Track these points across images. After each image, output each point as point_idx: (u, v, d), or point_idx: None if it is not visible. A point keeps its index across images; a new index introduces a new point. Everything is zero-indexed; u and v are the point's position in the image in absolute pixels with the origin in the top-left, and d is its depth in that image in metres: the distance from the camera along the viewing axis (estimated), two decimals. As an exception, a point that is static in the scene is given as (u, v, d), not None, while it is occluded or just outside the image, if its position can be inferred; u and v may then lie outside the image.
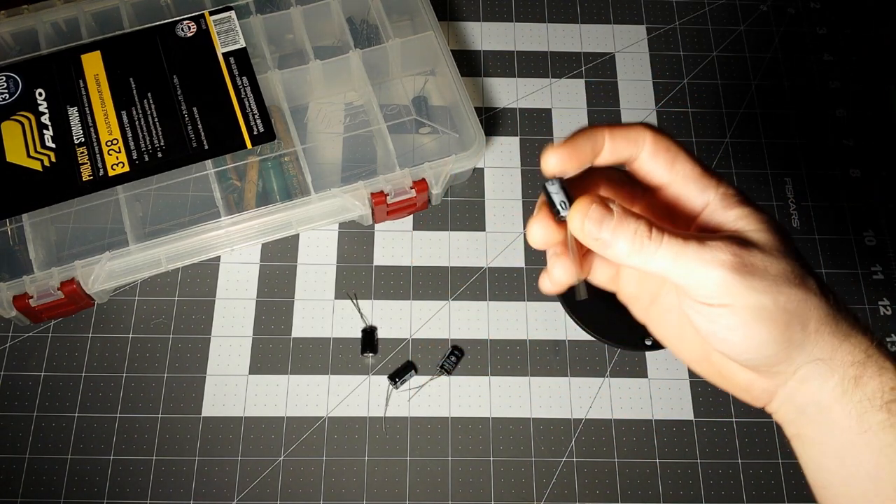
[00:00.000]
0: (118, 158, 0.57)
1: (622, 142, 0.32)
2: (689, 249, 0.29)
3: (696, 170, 0.32)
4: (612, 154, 0.32)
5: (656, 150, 0.32)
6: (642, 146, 0.32)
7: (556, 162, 0.31)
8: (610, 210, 0.30)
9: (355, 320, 0.58)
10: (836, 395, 0.30)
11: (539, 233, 0.33)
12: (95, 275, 0.54)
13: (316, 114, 0.64)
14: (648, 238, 0.30)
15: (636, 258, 0.30)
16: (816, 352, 0.30)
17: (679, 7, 0.71)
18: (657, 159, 0.32)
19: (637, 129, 0.32)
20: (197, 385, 0.56)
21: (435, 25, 0.62)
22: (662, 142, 0.32)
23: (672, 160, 0.32)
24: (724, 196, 0.32)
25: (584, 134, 0.32)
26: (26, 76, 0.59)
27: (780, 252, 0.30)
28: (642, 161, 0.32)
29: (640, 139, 0.32)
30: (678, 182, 0.32)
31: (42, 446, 0.54)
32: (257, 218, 0.56)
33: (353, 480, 0.54)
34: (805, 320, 0.30)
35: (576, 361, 0.58)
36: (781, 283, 0.29)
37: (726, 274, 0.29)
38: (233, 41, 0.61)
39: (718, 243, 0.29)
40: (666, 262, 0.29)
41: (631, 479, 0.54)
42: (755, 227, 0.31)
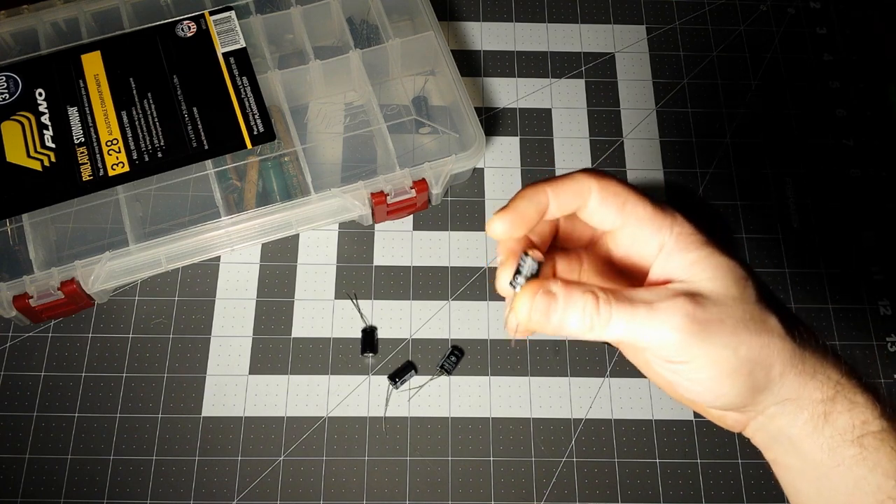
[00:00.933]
0: (118, 158, 0.57)
1: (566, 195, 0.31)
2: (640, 315, 0.29)
3: (647, 209, 0.31)
4: (558, 209, 0.32)
5: (604, 197, 0.31)
6: (588, 196, 0.31)
7: (502, 228, 0.31)
8: (553, 295, 0.30)
9: (355, 320, 0.58)
10: (806, 431, 0.30)
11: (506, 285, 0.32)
12: (95, 275, 0.54)
13: (316, 114, 0.64)
14: (597, 313, 0.29)
15: (591, 334, 0.29)
16: (784, 392, 0.30)
17: (679, 7, 0.71)
18: (606, 206, 0.31)
19: (580, 178, 0.32)
20: (197, 385, 0.56)
21: (435, 25, 0.62)
22: (609, 187, 0.31)
23: (622, 204, 0.31)
24: (679, 237, 0.31)
25: (526, 195, 0.31)
26: (26, 76, 0.59)
27: (735, 300, 0.29)
28: (591, 210, 0.32)
29: (583, 189, 0.31)
30: (632, 223, 0.31)
31: (42, 446, 0.54)
32: (257, 218, 0.56)
33: (353, 480, 0.54)
34: (768, 365, 0.29)
35: (576, 361, 0.58)
36: (741, 331, 0.29)
37: (681, 335, 0.28)
38: (233, 41, 0.61)
39: (668, 304, 0.29)
40: (620, 331, 0.29)
41: (631, 479, 0.54)
42: (709, 275, 0.30)
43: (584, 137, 0.65)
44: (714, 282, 0.29)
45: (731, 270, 0.30)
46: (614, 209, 0.31)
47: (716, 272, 0.30)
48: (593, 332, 0.29)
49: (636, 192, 0.32)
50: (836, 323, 0.60)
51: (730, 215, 0.63)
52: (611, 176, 0.32)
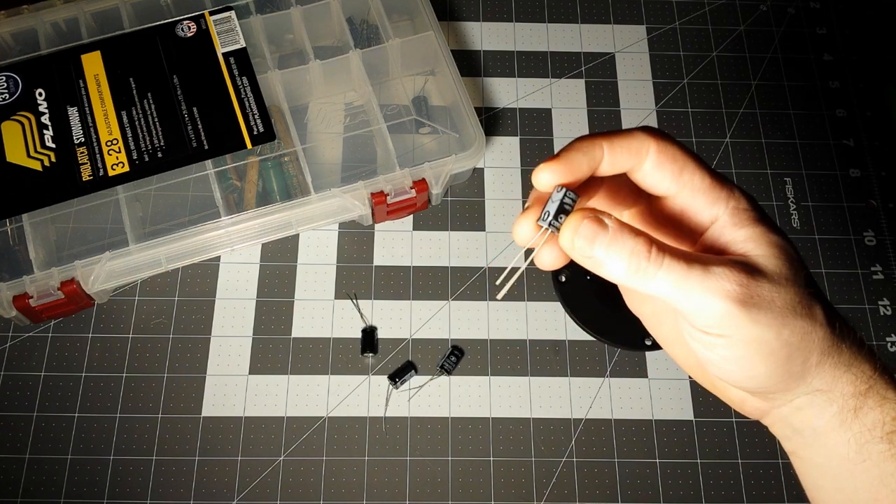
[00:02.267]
0: (118, 158, 0.57)
1: (623, 152, 0.29)
2: (693, 275, 0.27)
3: (705, 181, 0.30)
4: (611, 166, 0.30)
5: (661, 161, 0.29)
6: (645, 156, 0.30)
7: (548, 178, 0.29)
8: (604, 225, 0.27)
9: (355, 320, 0.58)
10: (833, 425, 0.30)
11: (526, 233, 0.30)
12: (95, 275, 0.54)
13: (316, 114, 0.64)
14: (647, 259, 0.27)
15: (633, 280, 0.27)
16: (816, 383, 0.29)
17: (679, 7, 0.71)
18: (662, 170, 0.30)
19: (639, 136, 0.30)
20: (197, 385, 0.56)
21: (435, 25, 0.62)
22: (668, 150, 0.29)
23: (679, 171, 0.30)
24: (735, 212, 0.29)
25: (580, 146, 0.29)
26: (26, 76, 0.59)
27: (788, 281, 0.28)
28: (645, 171, 0.30)
29: (642, 149, 0.29)
30: (685, 193, 0.30)
31: (42, 446, 0.54)
32: (257, 218, 0.56)
33: (353, 480, 0.54)
34: (807, 353, 0.28)
35: (576, 361, 0.58)
36: (787, 315, 0.28)
37: (730, 306, 0.27)
38: (233, 41, 0.61)
39: (724, 270, 0.27)
40: (665, 286, 0.27)
41: (631, 479, 0.54)
42: (764, 252, 0.28)
43: (584, 137, 0.65)
44: (769, 260, 0.28)
45: (786, 251, 0.29)
46: (670, 175, 0.30)
47: (770, 250, 0.29)
48: (637, 278, 0.27)
49: (695, 159, 0.30)
50: (836, 323, 0.60)
51: (730, 215, 0.63)
52: (671, 138, 0.30)
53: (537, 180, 0.29)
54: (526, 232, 0.30)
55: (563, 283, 0.59)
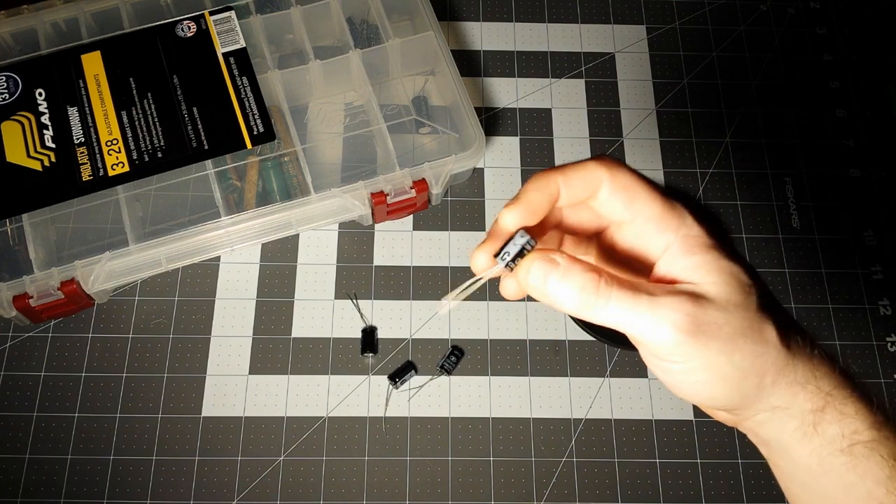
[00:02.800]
0: (118, 158, 0.57)
1: (577, 184, 0.31)
2: (640, 306, 0.28)
3: (655, 209, 0.31)
4: (568, 198, 0.31)
5: (613, 189, 0.31)
6: (599, 186, 0.31)
7: (511, 219, 0.31)
8: (555, 263, 0.29)
9: (355, 320, 0.58)
10: (796, 438, 0.30)
11: (482, 264, 0.31)
12: (95, 275, 0.54)
13: (316, 114, 0.64)
14: (595, 292, 0.28)
15: (584, 311, 0.29)
16: (774, 400, 0.30)
17: (679, 7, 0.71)
18: (615, 198, 0.31)
19: (591, 167, 0.31)
20: (197, 385, 0.56)
21: (435, 25, 0.62)
22: (619, 179, 0.31)
23: (630, 199, 0.31)
24: (685, 239, 0.30)
25: (537, 185, 0.31)
26: (26, 76, 0.59)
27: (737, 306, 0.29)
28: (601, 200, 0.31)
29: (595, 179, 0.31)
30: (639, 221, 0.31)
31: (42, 446, 0.54)
32: (257, 218, 0.56)
33: (353, 480, 0.54)
34: (761, 375, 0.29)
35: (576, 361, 0.58)
36: (737, 340, 0.28)
37: (678, 335, 0.28)
38: (233, 41, 0.61)
39: (670, 300, 0.28)
40: (615, 316, 0.28)
41: (631, 479, 0.54)
42: (713, 279, 0.29)
43: (584, 137, 0.65)
44: (717, 286, 0.29)
45: (736, 276, 0.29)
46: (622, 203, 0.31)
47: (720, 277, 0.29)
48: (588, 310, 0.29)
49: (647, 187, 0.31)
50: (836, 323, 0.60)
51: (730, 215, 0.63)
52: (623, 166, 0.31)
53: (503, 222, 0.31)
54: (482, 263, 0.31)
55: (563, 283, 0.59)
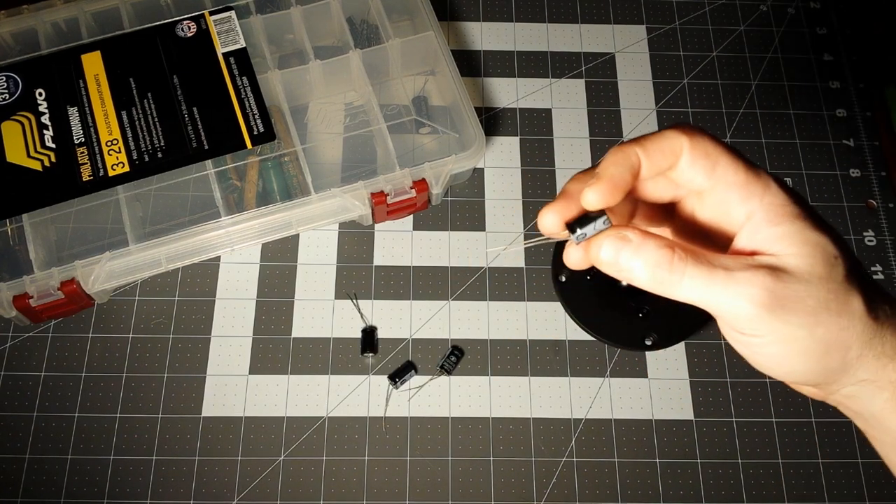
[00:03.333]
0: (118, 158, 0.57)
1: (657, 155, 0.30)
2: (716, 281, 0.27)
3: (738, 176, 0.29)
4: (649, 170, 0.30)
5: (693, 157, 0.30)
6: (680, 154, 0.30)
7: (596, 200, 0.29)
8: (627, 240, 0.28)
9: (355, 320, 0.58)
10: (889, 409, 0.30)
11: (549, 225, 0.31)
12: (95, 275, 0.54)
13: (316, 114, 0.64)
14: (669, 268, 0.28)
15: (659, 288, 0.28)
16: (861, 374, 0.29)
17: (679, 7, 0.71)
18: (695, 167, 0.30)
19: (671, 136, 0.30)
20: (197, 385, 0.56)
21: (435, 25, 0.62)
22: (700, 146, 0.30)
23: (712, 166, 0.30)
24: (770, 207, 0.29)
25: (618, 160, 0.30)
26: (26, 76, 0.59)
27: (821, 278, 0.28)
28: (681, 169, 0.30)
29: (675, 147, 0.30)
30: (720, 189, 0.30)
31: (42, 446, 0.54)
32: (257, 218, 0.56)
33: (353, 480, 0.54)
34: (845, 348, 0.28)
35: (576, 361, 0.58)
36: (820, 313, 0.27)
37: (756, 310, 0.27)
38: (233, 41, 0.61)
39: (748, 275, 0.27)
40: (691, 292, 0.28)
41: (631, 479, 0.54)
42: (796, 251, 0.28)
43: (584, 137, 0.65)
44: (800, 258, 0.28)
45: (821, 247, 0.28)
46: (703, 171, 0.30)
47: (804, 248, 0.28)
48: (663, 286, 0.28)
49: (729, 154, 0.30)
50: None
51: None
52: (703, 133, 0.30)
53: (586, 201, 0.30)
54: (550, 224, 0.31)
55: (563, 283, 0.59)
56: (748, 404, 0.56)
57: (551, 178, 0.64)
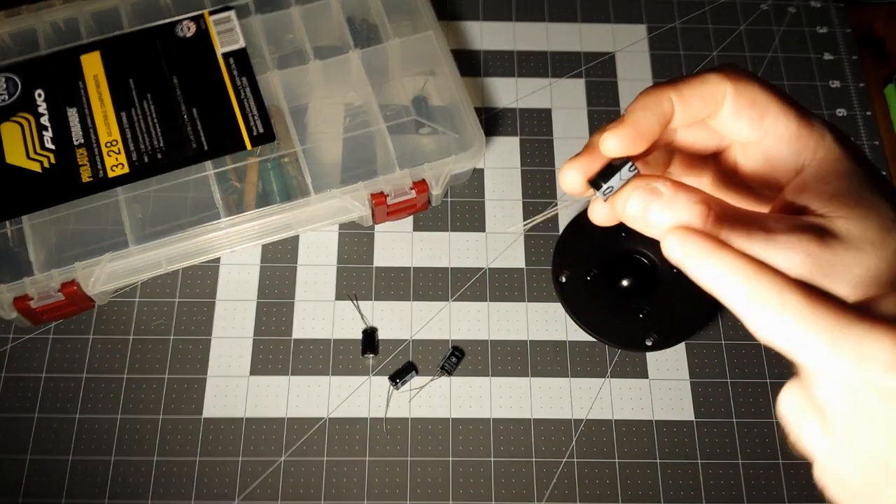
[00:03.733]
0: (118, 160, 0.57)
1: (695, 102, 0.26)
2: (754, 243, 0.24)
3: (790, 127, 0.26)
4: (683, 119, 0.27)
5: (739, 107, 0.26)
6: (721, 102, 0.27)
7: (616, 147, 0.26)
8: (657, 193, 0.25)
9: (356, 321, 0.58)
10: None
11: (571, 183, 0.28)
12: (96, 276, 0.54)
13: (316, 114, 0.64)
14: (702, 227, 0.25)
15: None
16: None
17: (679, 6, 0.71)
18: (740, 117, 0.27)
19: (713, 80, 0.26)
20: (198, 386, 0.56)
21: (435, 25, 0.62)
22: (747, 94, 0.26)
23: (759, 116, 0.26)
24: (822, 163, 0.26)
25: (646, 104, 0.26)
26: (25, 77, 0.59)
27: (873, 245, 0.24)
28: (723, 119, 0.27)
29: (717, 94, 0.26)
30: (768, 141, 0.27)
31: (43, 447, 0.54)
32: (257, 219, 0.56)
33: (353, 481, 0.54)
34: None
35: (576, 362, 0.58)
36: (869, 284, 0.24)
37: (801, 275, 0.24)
38: (232, 41, 0.61)
39: (790, 239, 0.24)
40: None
41: (631, 480, 0.54)
42: (848, 213, 0.25)
43: (584, 138, 0.65)
44: (852, 222, 0.25)
45: (877, 210, 0.25)
46: (749, 122, 0.27)
47: (857, 210, 0.25)
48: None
49: (780, 102, 0.27)
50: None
51: (730, 215, 0.63)
52: (750, 77, 0.27)
53: (604, 147, 0.26)
54: (571, 181, 0.28)
55: (563, 284, 0.59)
56: (748, 404, 0.57)
57: (551, 178, 0.64)
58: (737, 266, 0.24)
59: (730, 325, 0.58)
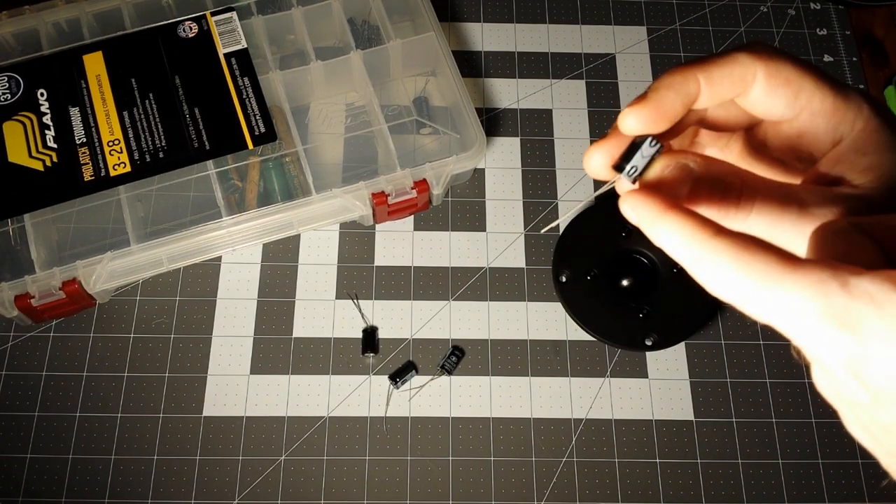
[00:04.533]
0: (120, 159, 0.57)
1: (723, 83, 0.26)
2: (786, 218, 0.23)
3: (826, 102, 0.26)
4: (710, 100, 0.26)
5: (771, 87, 0.26)
6: (751, 83, 0.26)
7: (635, 125, 0.25)
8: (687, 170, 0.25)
9: (356, 320, 0.58)
10: None
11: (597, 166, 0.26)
12: (97, 274, 0.54)
13: (317, 114, 0.64)
14: (736, 204, 0.24)
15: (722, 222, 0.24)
16: None
17: (679, 8, 0.71)
18: (773, 96, 0.26)
19: (742, 61, 0.25)
20: (198, 385, 0.56)
21: (436, 26, 0.62)
22: (779, 74, 0.25)
23: (794, 94, 0.26)
24: (860, 135, 0.25)
25: (671, 83, 0.25)
26: (28, 76, 0.59)
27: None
28: (754, 100, 0.26)
29: (746, 75, 0.26)
30: (803, 117, 0.26)
31: (44, 446, 0.54)
32: (258, 218, 0.56)
33: (353, 480, 0.54)
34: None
35: (576, 361, 0.58)
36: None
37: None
38: (234, 42, 0.61)
39: (824, 211, 0.23)
40: (757, 229, 0.24)
41: (631, 479, 0.54)
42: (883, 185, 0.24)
43: (584, 138, 0.65)
44: (889, 194, 0.24)
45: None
46: (784, 101, 0.26)
47: (893, 183, 0.24)
48: (727, 221, 0.24)
49: (815, 78, 0.26)
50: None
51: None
52: (781, 54, 0.26)
53: (623, 125, 0.26)
54: (596, 164, 0.26)
55: (563, 283, 0.59)
56: (748, 404, 0.57)
57: (552, 178, 0.64)
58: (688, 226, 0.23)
59: (729, 325, 0.58)
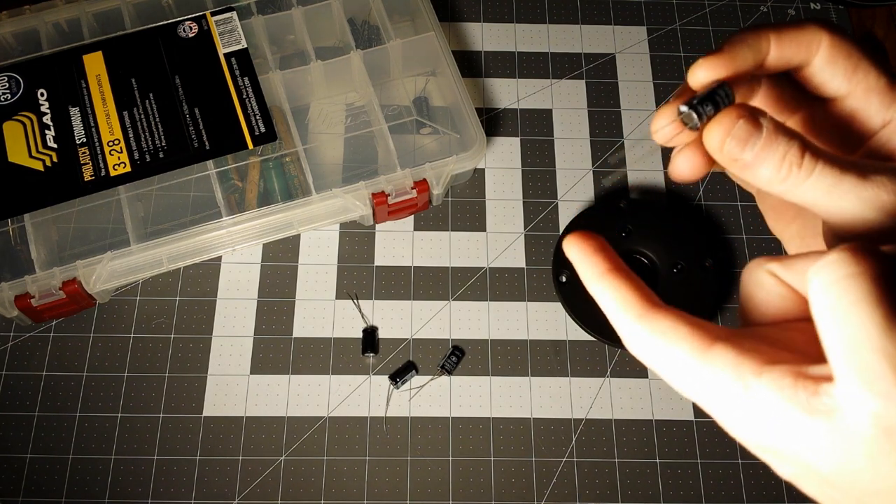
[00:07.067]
0: (120, 158, 0.57)
1: (792, 46, 0.27)
2: (846, 181, 0.24)
3: (881, 80, 0.27)
4: (778, 61, 0.27)
5: (833, 56, 0.27)
6: (816, 51, 0.27)
7: (706, 74, 0.26)
8: (759, 126, 0.24)
9: (356, 320, 0.58)
10: None
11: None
12: (97, 274, 0.54)
13: (317, 114, 0.64)
14: (799, 165, 0.24)
15: (779, 186, 0.25)
16: None
17: (679, 8, 0.71)
18: (834, 67, 0.27)
19: (811, 28, 0.27)
20: (198, 385, 0.56)
21: (436, 26, 0.63)
22: (842, 46, 0.27)
23: (853, 68, 0.27)
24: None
25: (744, 39, 0.26)
26: (28, 76, 0.59)
27: None
28: (815, 69, 0.27)
29: (813, 42, 0.27)
30: (857, 94, 0.27)
31: (43, 446, 0.54)
32: (258, 218, 0.56)
33: (353, 480, 0.54)
34: None
35: (576, 361, 0.58)
36: None
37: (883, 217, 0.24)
38: (234, 42, 0.61)
39: (883, 179, 0.24)
40: (814, 194, 0.24)
41: (631, 479, 0.54)
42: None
43: (584, 138, 0.65)
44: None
45: None
46: (842, 73, 0.27)
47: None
48: (785, 184, 0.24)
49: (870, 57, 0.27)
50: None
51: (730, 215, 0.63)
52: (846, 32, 0.27)
53: (693, 76, 0.26)
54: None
55: (563, 283, 0.59)
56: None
57: (552, 178, 0.64)
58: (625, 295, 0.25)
59: (729, 326, 0.58)
